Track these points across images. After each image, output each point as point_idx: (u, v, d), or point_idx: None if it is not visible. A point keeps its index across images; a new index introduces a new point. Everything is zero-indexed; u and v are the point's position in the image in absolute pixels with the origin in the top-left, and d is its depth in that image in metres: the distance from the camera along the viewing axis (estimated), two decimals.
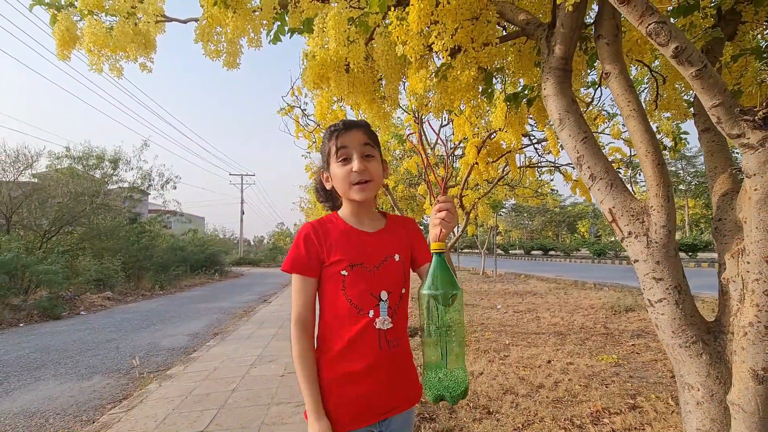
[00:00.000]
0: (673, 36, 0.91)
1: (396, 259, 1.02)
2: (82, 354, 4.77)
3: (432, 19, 1.60)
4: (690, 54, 0.92)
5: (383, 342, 0.96)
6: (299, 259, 0.97)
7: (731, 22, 1.88)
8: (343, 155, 0.98)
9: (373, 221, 1.06)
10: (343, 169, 0.98)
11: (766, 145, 0.93)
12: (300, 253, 0.97)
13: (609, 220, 1.45)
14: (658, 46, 0.94)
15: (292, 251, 0.99)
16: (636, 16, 0.93)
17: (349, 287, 0.96)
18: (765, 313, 0.96)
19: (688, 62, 0.92)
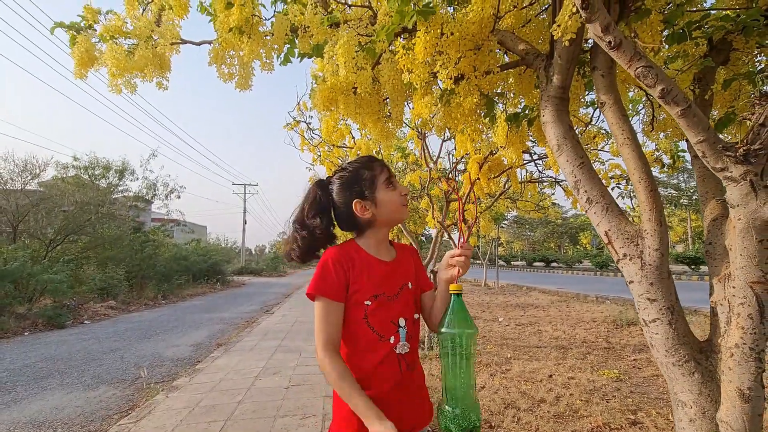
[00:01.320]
0: (659, 79, 1.00)
1: (409, 286, 1.08)
2: (88, 364, 4.82)
3: (437, 50, 1.70)
4: (675, 95, 1.00)
5: (403, 366, 1.02)
6: (329, 282, 0.98)
7: (722, 51, 1.98)
8: (392, 181, 1.08)
9: (388, 250, 1.11)
10: (395, 193, 1.07)
11: (748, 179, 1.00)
12: (330, 276, 0.98)
13: (605, 242, 1.52)
14: (646, 87, 1.02)
15: (320, 274, 0.99)
16: (625, 61, 1.02)
17: (371, 316, 0.99)
18: (750, 336, 1.02)
19: (674, 102, 1.00)
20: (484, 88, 1.88)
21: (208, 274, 17.09)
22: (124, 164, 14.70)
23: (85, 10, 2.44)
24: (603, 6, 1.00)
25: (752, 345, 1.02)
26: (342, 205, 1.06)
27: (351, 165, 1.12)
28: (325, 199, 1.07)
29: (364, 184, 1.06)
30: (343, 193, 1.06)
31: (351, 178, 1.07)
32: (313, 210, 1.05)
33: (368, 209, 1.05)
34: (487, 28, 1.76)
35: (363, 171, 1.07)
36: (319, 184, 1.11)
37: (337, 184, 1.08)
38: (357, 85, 2.04)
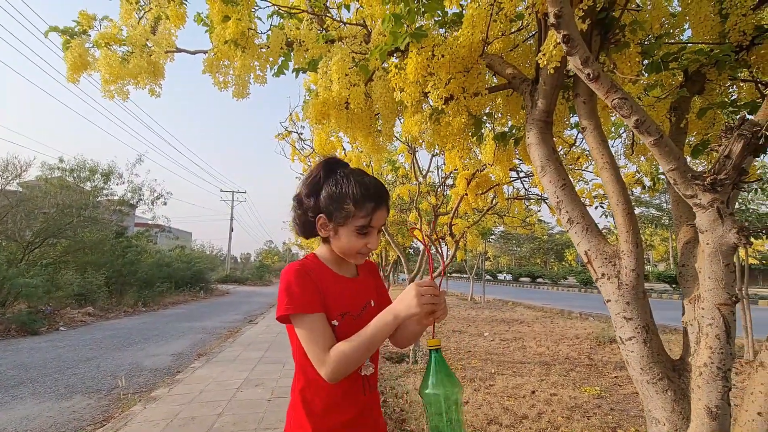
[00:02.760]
0: (634, 110, 1.06)
1: (372, 304, 1.03)
2: (62, 372, 4.66)
3: (427, 71, 1.76)
4: (648, 126, 1.06)
5: (366, 388, 0.98)
6: (299, 296, 0.89)
7: (697, 81, 2.09)
8: (365, 231, 0.96)
9: (348, 267, 1.05)
10: (359, 241, 0.96)
11: (715, 206, 1.06)
12: (298, 290, 0.90)
13: (585, 261, 1.57)
14: (622, 117, 1.09)
15: (287, 292, 0.90)
16: (603, 92, 1.08)
17: (339, 336, 0.90)
18: (717, 355, 1.07)
19: (647, 132, 1.07)
20: (473, 109, 1.94)
21: (192, 282, 16.76)
22: (110, 167, 14.47)
23: (80, 15, 2.45)
24: (583, 41, 1.07)
25: (719, 364, 1.07)
26: (317, 204, 0.98)
27: (352, 183, 0.97)
28: (321, 183, 0.98)
29: (340, 211, 0.95)
30: (324, 198, 0.97)
31: (338, 194, 0.95)
32: (308, 189, 1.00)
33: (327, 230, 0.98)
34: (477, 52, 1.83)
35: (349, 201, 0.95)
36: (325, 165, 1.01)
37: (329, 185, 0.97)
38: (350, 100, 2.09)
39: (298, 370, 0.98)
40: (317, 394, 0.94)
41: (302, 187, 1.02)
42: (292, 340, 0.97)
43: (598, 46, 1.64)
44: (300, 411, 0.94)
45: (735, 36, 1.80)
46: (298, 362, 0.97)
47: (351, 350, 0.86)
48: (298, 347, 0.94)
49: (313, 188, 0.99)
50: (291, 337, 0.97)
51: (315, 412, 0.93)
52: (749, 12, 1.81)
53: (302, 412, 0.94)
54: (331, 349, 0.87)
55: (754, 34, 1.85)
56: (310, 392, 0.94)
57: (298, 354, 0.95)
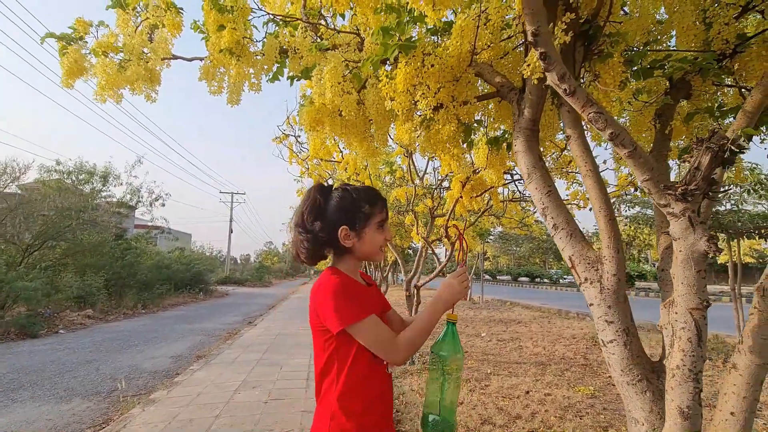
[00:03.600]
0: (609, 123, 1.11)
1: (383, 311, 1.16)
2: (61, 375, 4.70)
3: (417, 81, 1.80)
4: (623, 138, 1.11)
5: (391, 387, 1.10)
6: (356, 304, 0.98)
7: (682, 89, 2.14)
8: (383, 225, 1.10)
9: (360, 277, 1.16)
10: (380, 236, 1.10)
11: (687, 215, 1.11)
12: (354, 298, 0.99)
13: (570, 266, 1.62)
14: (598, 130, 1.13)
15: (343, 304, 0.97)
16: (579, 106, 1.13)
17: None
18: (689, 358, 1.12)
19: (621, 145, 1.12)
20: (462, 117, 1.99)
21: (191, 284, 16.79)
22: (108, 169, 14.50)
23: (77, 22, 2.50)
24: (560, 58, 1.11)
25: (691, 366, 1.11)
26: (332, 221, 1.06)
27: (356, 191, 1.11)
28: (323, 204, 1.07)
29: (359, 216, 1.07)
30: (337, 213, 1.06)
31: (350, 203, 1.07)
32: (313, 214, 1.06)
33: (351, 239, 1.06)
34: (465, 62, 1.88)
35: (364, 204, 1.08)
36: (320, 189, 1.10)
37: (338, 202, 1.07)
38: (342, 108, 2.14)
39: (332, 379, 1.01)
40: (355, 398, 0.99)
41: (303, 216, 1.07)
42: (323, 350, 1.02)
43: (581, 57, 1.69)
44: (340, 417, 0.98)
45: (718, 44, 1.85)
46: (334, 372, 1.01)
47: (416, 336, 1.01)
48: (331, 357, 1.01)
49: (317, 212, 1.06)
50: (322, 349, 1.02)
51: (357, 413, 0.99)
52: (732, 21, 1.86)
53: (342, 417, 0.98)
54: (398, 338, 1.01)
55: (737, 42, 1.90)
56: (347, 398, 0.99)
57: (333, 363, 1.01)
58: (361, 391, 1.00)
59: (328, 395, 1.01)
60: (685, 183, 1.09)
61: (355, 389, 1.00)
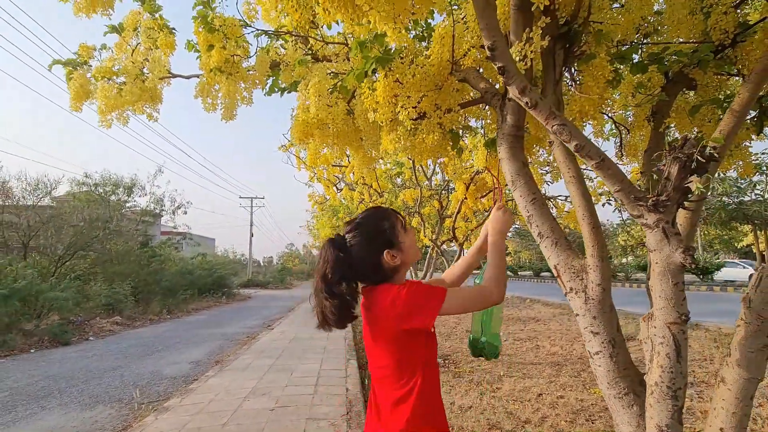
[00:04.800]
0: (573, 135, 1.08)
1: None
2: (88, 382, 4.92)
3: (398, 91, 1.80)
4: (589, 150, 1.08)
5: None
6: (430, 290, 1.03)
7: (679, 83, 2.05)
8: (405, 226, 1.15)
9: None
10: (411, 235, 1.15)
11: (660, 226, 1.07)
12: (427, 288, 1.04)
13: (555, 275, 1.59)
14: (564, 142, 1.11)
15: (423, 299, 1.02)
16: (542, 118, 1.10)
17: (434, 339, 1.11)
18: (667, 374, 1.08)
19: (588, 156, 1.08)
20: (447, 125, 1.96)
21: (214, 288, 17.25)
22: (133, 180, 15.07)
23: (81, 48, 2.60)
24: (518, 72, 1.09)
25: (669, 383, 1.07)
26: (367, 258, 1.07)
27: (366, 219, 1.14)
28: (346, 258, 1.06)
29: (388, 234, 1.10)
30: (369, 247, 1.08)
31: (374, 231, 1.10)
32: (338, 273, 1.04)
33: (396, 256, 1.09)
34: (446, 69, 1.86)
35: (383, 222, 1.11)
36: (335, 243, 1.08)
37: (360, 240, 1.08)
38: (327, 121, 2.15)
39: (407, 377, 1.02)
40: (433, 393, 1.04)
41: (327, 276, 1.04)
42: (396, 351, 1.03)
43: (562, 60, 1.65)
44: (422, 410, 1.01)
45: (716, 35, 1.77)
46: (410, 369, 1.03)
47: (497, 271, 1.12)
48: (409, 358, 1.03)
49: (342, 265, 1.04)
50: (394, 351, 1.03)
51: (437, 407, 1.05)
52: (730, 9, 1.77)
53: (423, 410, 1.01)
54: (484, 283, 1.10)
55: (737, 31, 1.81)
56: (427, 390, 1.03)
57: (410, 362, 1.03)
58: (434, 385, 1.06)
59: (404, 396, 1.02)
60: (657, 194, 1.05)
61: (428, 383, 1.03)
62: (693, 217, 1.39)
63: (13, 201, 11.84)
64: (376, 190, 5.97)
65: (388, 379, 1.04)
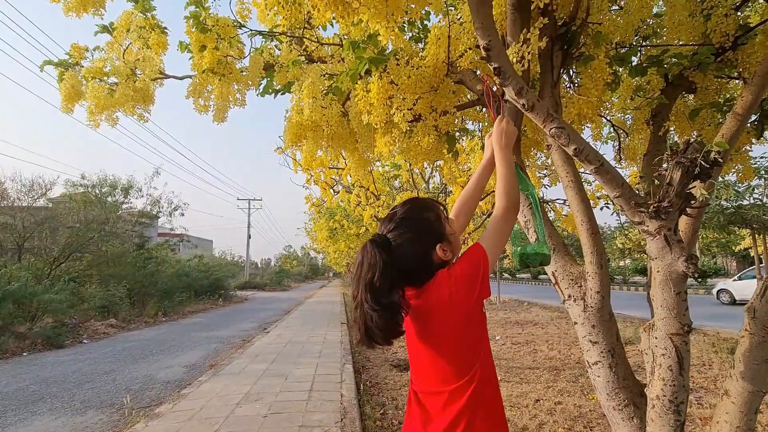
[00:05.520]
0: (572, 139, 1.04)
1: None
2: (80, 387, 4.84)
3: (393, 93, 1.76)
4: (588, 154, 1.04)
5: None
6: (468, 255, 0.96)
7: (679, 86, 2.02)
8: (445, 215, 1.07)
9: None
10: (453, 226, 1.07)
11: (662, 233, 1.03)
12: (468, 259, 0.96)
13: (553, 282, 1.55)
14: (561, 146, 1.07)
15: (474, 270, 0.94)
16: (540, 121, 1.06)
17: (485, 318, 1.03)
18: (669, 387, 1.04)
19: (587, 161, 1.04)
20: (443, 127, 1.93)
21: (210, 290, 17.14)
22: (130, 182, 14.99)
23: (72, 48, 2.55)
24: (515, 73, 1.05)
25: (671, 397, 1.03)
26: (419, 257, 0.97)
27: (411, 212, 1.01)
28: (391, 261, 0.92)
29: (436, 226, 1.00)
30: (419, 244, 0.97)
31: (422, 225, 0.99)
32: (388, 281, 0.90)
33: (446, 250, 0.98)
34: (442, 71, 1.82)
35: (429, 214, 1.01)
36: (380, 244, 0.94)
37: (409, 237, 0.97)
38: (321, 123, 2.11)
39: (464, 381, 0.91)
40: (495, 391, 0.96)
41: (375, 284, 0.90)
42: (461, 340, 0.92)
43: (560, 61, 1.61)
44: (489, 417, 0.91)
45: (717, 37, 1.74)
46: (468, 363, 0.92)
47: (507, 185, 1.06)
48: (475, 348, 0.92)
49: (392, 270, 0.92)
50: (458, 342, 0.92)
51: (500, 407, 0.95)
52: (731, 12, 1.74)
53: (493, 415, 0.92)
54: (496, 211, 1.03)
55: (738, 34, 1.78)
56: (489, 392, 0.93)
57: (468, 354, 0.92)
58: (494, 383, 0.96)
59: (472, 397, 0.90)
60: (658, 199, 1.01)
61: (489, 380, 0.94)
62: (695, 224, 1.36)
63: (8, 202, 11.75)
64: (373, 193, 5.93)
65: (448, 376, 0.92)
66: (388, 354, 6.13)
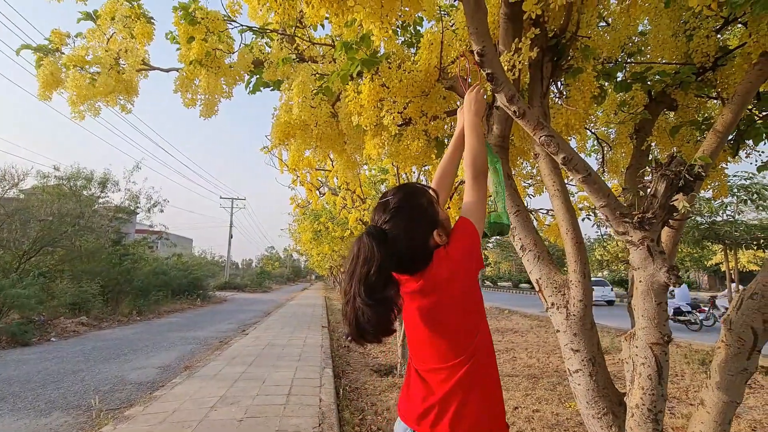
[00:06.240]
0: (561, 147, 1.05)
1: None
2: (45, 386, 4.63)
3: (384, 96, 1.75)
4: (576, 163, 1.05)
5: None
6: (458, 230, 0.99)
7: (661, 103, 2.07)
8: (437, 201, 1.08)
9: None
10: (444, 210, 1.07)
11: (645, 244, 1.05)
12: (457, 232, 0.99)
13: (537, 289, 1.55)
14: (550, 154, 1.07)
15: (470, 245, 0.96)
16: (530, 129, 1.07)
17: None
18: (649, 396, 1.05)
19: (575, 170, 1.05)
20: (432, 132, 1.93)
21: (189, 290, 16.74)
22: (106, 175, 14.53)
23: (53, 34, 2.46)
24: (508, 79, 1.06)
25: (650, 406, 1.04)
26: (416, 245, 0.95)
27: (404, 200, 0.99)
28: (388, 254, 0.90)
29: (431, 212, 0.99)
30: (416, 232, 0.95)
31: (417, 212, 0.97)
32: (384, 275, 0.88)
33: (442, 235, 0.97)
34: (434, 76, 1.82)
35: (422, 200, 0.99)
36: (376, 237, 0.91)
37: (405, 226, 0.95)
38: (310, 123, 2.08)
39: (465, 355, 0.91)
40: (492, 369, 0.96)
41: (372, 276, 0.88)
42: (462, 313, 0.93)
43: (549, 72, 1.64)
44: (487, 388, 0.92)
45: (698, 57, 1.79)
46: (467, 341, 0.93)
47: (474, 152, 1.07)
48: (473, 325, 0.94)
49: (389, 262, 0.91)
50: (458, 318, 0.93)
51: (498, 384, 0.96)
52: (712, 34, 1.80)
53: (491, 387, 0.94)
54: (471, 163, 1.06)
55: (718, 55, 1.84)
56: (487, 369, 0.94)
57: (469, 328, 0.93)
58: (490, 354, 0.97)
59: (471, 369, 0.91)
60: (643, 210, 1.03)
61: (488, 354, 0.95)
62: (676, 236, 1.39)
63: None
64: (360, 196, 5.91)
65: (448, 354, 0.92)
66: (369, 359, 6.09)
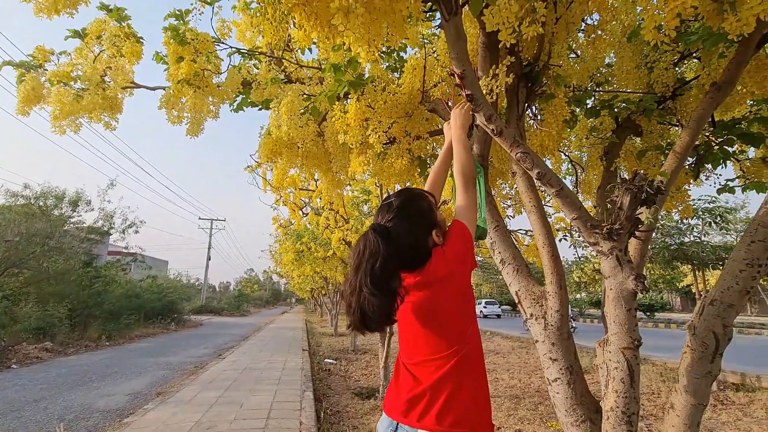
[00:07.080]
0: (535, 163, 1.13)
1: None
2: (4, 416, 4.33)
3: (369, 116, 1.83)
4: (550, 178, 1.13)
5: None
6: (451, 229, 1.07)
7: (627, 128, 2.23)
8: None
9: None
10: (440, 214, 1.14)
11: (614, 254, 1.12)
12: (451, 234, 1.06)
13: (516, 301, 1.61)
14: (526, 170, 1.16)
15: (463, 246, 1.04)
16: (507, 146, 1.15)
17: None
18: (622, 399, 1.10)
19: (548, 184, 1.14)
20: (416, 151, 2.01)
21: (162, 313, 16.09)
22: (78, 194, 14.07)
23: (37, 50, 2.47)
24: (486, 100, 1.15)
25: (624, 408, 1.09)
26: (417, 243, 1.03)
27: (407, 202, 1.08)
28: (392, 249, 0.96)
29: (430, 214, 1.08)
30: (417, 231, 1.04)
31: (418, 213, 1.06)
32: (389, 268, 0.94)
33: (440, 236, 1.06)
34: (417, 99, 1.91)
35: (422, 203, 1.09)
36: (381, 233, 0.98)
37: (407, 225, 1.02)
38: (298, 140, 2.13)
39: (457, 347, 0.97)
40: (480, 364, 1.03)
41: (377, 270, 0.94)
42: (456, 315, 1.00)
43: (524, 97, 1.75)
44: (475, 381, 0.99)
45: (659, 87, 1.95)
46: (459, 336, 0.99)
47: (463, 162, 1.14)
48: (466, 321, 1.00)
49: (393, 256, 0.97)
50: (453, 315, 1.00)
51: (484, 377, 1.03)
52: (670, 66, 1.97)
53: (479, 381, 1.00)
54: (460, 175, 1.14)
55: (676, 86, 2.01)
56: (475, 364, 1.01)
57: (461, 325, 0.99)
58: (478, 356, 1.03)
59: (459, 365, 0.97)
60: (611, 222, 1.11)
61: (475, 353, 1.01)
62: (642, 248, 1.48)
63: None
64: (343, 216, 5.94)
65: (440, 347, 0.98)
66: (351, 382, 5.97)
